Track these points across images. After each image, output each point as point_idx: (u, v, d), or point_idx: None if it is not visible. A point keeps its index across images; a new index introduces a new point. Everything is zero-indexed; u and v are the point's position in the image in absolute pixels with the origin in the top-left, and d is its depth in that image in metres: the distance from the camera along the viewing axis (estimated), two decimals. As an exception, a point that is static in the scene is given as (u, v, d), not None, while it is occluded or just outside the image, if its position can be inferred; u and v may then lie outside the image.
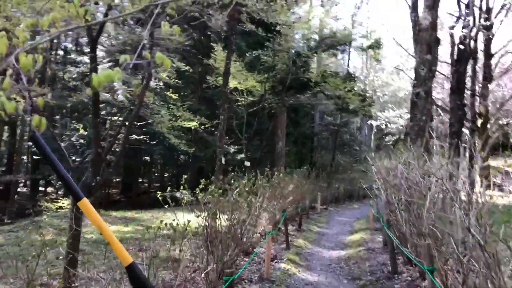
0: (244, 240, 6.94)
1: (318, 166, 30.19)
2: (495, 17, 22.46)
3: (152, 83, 13.82)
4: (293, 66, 14.89)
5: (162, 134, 19.13)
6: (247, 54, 13.95)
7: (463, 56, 18.34)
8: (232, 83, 13.16)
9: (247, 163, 12.36)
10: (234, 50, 9.53)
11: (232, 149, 21.28)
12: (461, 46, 17.54)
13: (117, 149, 20.94)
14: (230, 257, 6.20)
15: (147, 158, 31.70)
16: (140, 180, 35.93)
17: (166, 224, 4.80)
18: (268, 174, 9.65)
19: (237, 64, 12.92)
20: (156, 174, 38.52)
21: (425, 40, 11.98)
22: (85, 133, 13.72)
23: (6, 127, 21.82)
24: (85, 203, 2.63)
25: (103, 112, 17.71)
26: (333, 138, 34.94)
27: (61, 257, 5.24)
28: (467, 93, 21.31)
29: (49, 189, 28.12)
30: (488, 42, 23.60)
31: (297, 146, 29.75)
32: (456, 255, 4.37)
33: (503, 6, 21.52)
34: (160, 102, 12.37)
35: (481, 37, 22.99)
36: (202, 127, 14.88)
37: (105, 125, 15.15)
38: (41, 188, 28.10)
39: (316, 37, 20.02)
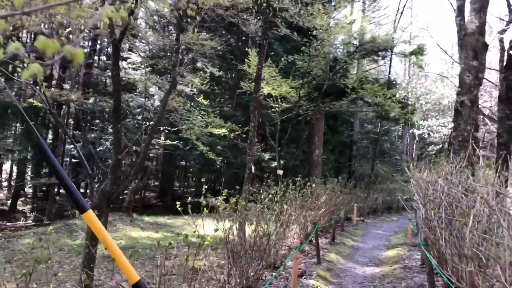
0: (271, 253, 6.64)
1: (357, 176, 29.46)
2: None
3: (187, 89, 13.80)
4: (330, 72, 14.46)
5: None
6: (282, 60, 13.67)
7: (513, 63, 17.26)
8: (266, 89, 12.92)
9: (280, 172, 12.03)
10: (266, 55, 9.28)
11: (266, 156, 21.03)
12: (511, 52, 16.48)
13: (153, 155, 21.19)
14: (255, 271, 5.91)
15: (183, 163, 32.02)
16: (177, 185, 36.42)
17: (194, 232, 4.58)
18: (301, 184, 9.33)
19: (271, 69, 12.67)
20: (193, 179, 38.91)
21: (471, 45, 11.28)
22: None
23: (49, 131, 22.53)
24: (90, 216, 2.42)
25: (139, 117, 17.94)
26: (373, 147, 34.07)
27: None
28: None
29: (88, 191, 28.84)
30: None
31: (334, 155, 29.13)
32: (503, 282, 3.90)
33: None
34: (190, 107, 12.26)
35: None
36: (236, 133, 14.66)
37: (140, 130, 15.30)
38: (82, 190, 28.89)
39: (356, 42, 19.48)
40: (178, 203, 5.28)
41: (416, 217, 11.73)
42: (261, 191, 7.58)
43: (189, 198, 6.04)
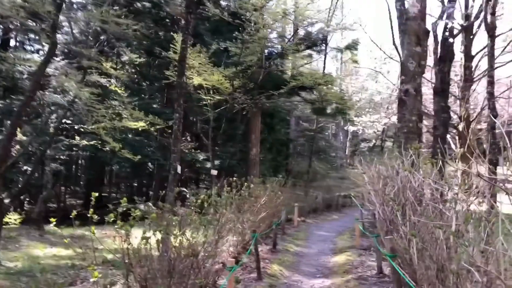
0: (201, 272, 5.28)
1: (294, 174, 28.77)
2: (474, 19, 21.53)
3: (103, 80, 11.97)
4: (266, 61, 13.33)
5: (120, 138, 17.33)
6: (212, 47, 12.33)
7: (447, 55, 17.16)
8: (196, 79, 11.51)
9: (214, 172, 10.69)
10: (191, 34, 7.92)
11: (201, 156, 19.56)
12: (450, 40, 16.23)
13: (65, 157, 18.82)
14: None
15: (115, 167, 29.59)
16: (108, 190, 33.87)
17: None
18: (237, 184, 8.05)
19: (201, 56, 11.27)
20: (124, 184, 36.36)
21: (414, 30, 10.64)
22: (24, 138, 11.80)
23: None
24: None
25: (53, 116, 15.71)
26: (309, 145, 33.69)
27: None
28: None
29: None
30: (468, 43, 22.75)
31: (272, 153, 28.20)
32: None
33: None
34: (99, 97, 10.50)
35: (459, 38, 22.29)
36: (166, 132, 13.06)
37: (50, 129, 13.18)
38: None
39: (291, 29, 18.64)
40: (91, 214, 4.06)
41: (363, 216, 10.89)
42: (189, 195, 6.23)
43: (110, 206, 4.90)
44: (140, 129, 11.72)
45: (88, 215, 4.75)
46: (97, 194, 4.13)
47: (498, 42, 26.14)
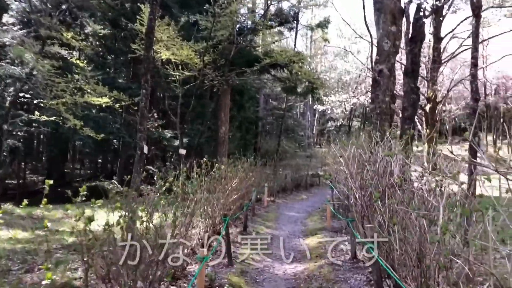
0: (168, 260, 4.98)
1: (263, 153, 28.63)
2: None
3: (64, 52, 11.20)
4: (238, 36, 12.83)
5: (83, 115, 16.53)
6: (182, 20, 11.71)
7: (419, 35, 17.12)
8: (164, 54, 10.93)
9: (182, 151, 10.28)
10: (159, 5, 7.37)
11: (168, 134, 19.00)
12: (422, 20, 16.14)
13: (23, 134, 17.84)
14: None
15: (77, 143, 28.55)
16: (71, 167, 32.87)
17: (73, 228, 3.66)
18: (207, 165, 7.73)
19: (170, 29, 10.67)
20: (88, 161, 35.28)
21: (390, 8, 10.41)
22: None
23: None
24: None
25: (10, 89, 14.74)
26: (278, 123, 33.58)
27: None
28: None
29: None
30: (438, 24, 22.89)
31: (241, 131, 27.90)
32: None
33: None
34: (59, 70, 9.78)
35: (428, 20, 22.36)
36: (131, 108, 12.46)
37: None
38: None
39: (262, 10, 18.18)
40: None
41: (334, 197, 10.80)
42: (156, 176, 5.84)
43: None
44: (104, 105, 11.09)
45: (50, 193, 4.33)
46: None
47: (464, 25, 26.55)
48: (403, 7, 11.58)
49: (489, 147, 35.88)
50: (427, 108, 23.47)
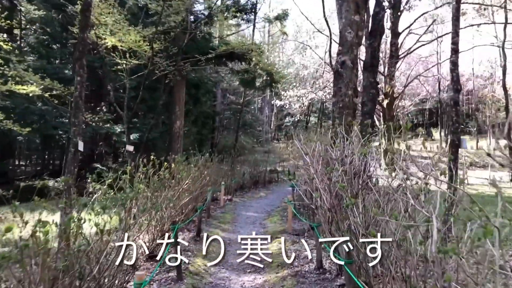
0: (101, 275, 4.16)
1: (220, 148, 27.82)
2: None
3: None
4: (192, 23, 11.92)
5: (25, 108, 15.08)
6: (129, 2, 10.65)
7: (378, 29, 16.83)
8: (110, 40, 9.87)
9: (129, 148, 9.32)
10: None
11: (118, 129, 17.78)
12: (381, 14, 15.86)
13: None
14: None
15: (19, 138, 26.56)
16: (18, 164, 30.73)
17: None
18: (156, 163, 6.86)
19: (115, 12, 9.60)
20: (35, 158, 33.09)
21: (353, -3, 9.88)
22: None
23: None
24: None
25: None
26: (236, 118, 32.87)
27: None
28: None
29: None
30: (396, 20, 22.87)
31: (197, 126, 26.96)
32: None
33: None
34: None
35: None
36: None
37: None
38: None
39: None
40: None
41: (294, 195, 10.18)
42: (90, 180, 4.97)
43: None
44: (50, 95, 9.90)
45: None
46: None
47: (419, 22, 26.86)
48: (366, -3, 11.12)
49: (440, 142, 36.78)
50: (385, 103, 23.50)
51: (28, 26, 19.92)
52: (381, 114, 24.53)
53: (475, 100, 40.14)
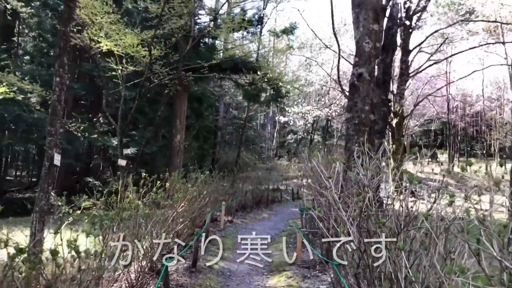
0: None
1: (222, 164, 26.88)
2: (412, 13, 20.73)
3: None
4: (195, 26, 11.12)
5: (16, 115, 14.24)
6: (126, 3, 9.86)
7: (391, 44, 16.03)
8: (105, 44, 9.03)
9: (122, 162, 8.41)
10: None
11: (114, 141, 16.89)
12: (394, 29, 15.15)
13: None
14: None
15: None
16: (14, 174, 30.11)
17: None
18: (148, 181, 5.97)
19: (110, 11, 8.75)
20: (32, 169, 32.27)
21: (372, 4, 9.05)
22: None
23: None
24: None
25: None
26: (238, 134, 32.07)
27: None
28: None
29: None
30: (406, 37, 22.14)
31: (198, 141, 26.10)
32: None
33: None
34: None
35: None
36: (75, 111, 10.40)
37: None
38: None
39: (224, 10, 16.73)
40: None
41: (305, 221, 9.21)
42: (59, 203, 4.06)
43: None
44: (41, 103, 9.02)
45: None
46: None
47: (429, 41, 26.16)
48: (385, 6, 10.33)
49: (449, 164, 35.76)
50: (394, 122, 22.64)
51: (27, 32, 19.30)
52: (389, 133, 23.62)
53: (484, 122, 39.27)
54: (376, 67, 17.54)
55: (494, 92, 39.64)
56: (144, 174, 5.97)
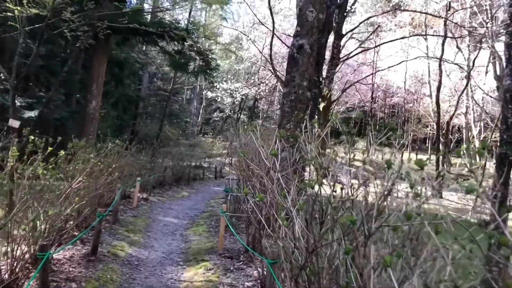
0: None
1: (142, 137, 25.18)
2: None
3: None
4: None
5: None
6: None
7: (327, 25, 15.47)
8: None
9: (14, 123, 6.87)
10: None
11: (18, 102, 14.70)
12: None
13: None
14: None
15: None
16: None
17: None
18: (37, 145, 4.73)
19: None
20: None
21: (319, -31, 8.24)
22: None
23: None
24: None
25: None
26: (162, 106, 30.33)
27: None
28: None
29: None
30: (341, 20, 21.90)
31: (117, 110, 24.12)
32: None
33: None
34: None
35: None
36: None
37: None
38: None
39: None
40: None
41: (228, 202, 8.34)
42: None
43: None
44: None
45: None
46: None
47: (360, 28, 26.36)
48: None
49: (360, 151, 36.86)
50: (321, 106, 22.49)
51: None
52: (317, 117, 23.48)
53: (402, 114, 41.10)
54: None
55: (413, 85, 41.46)
56: (32, 138, 4.70)
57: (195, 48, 16.52)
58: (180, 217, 9.53)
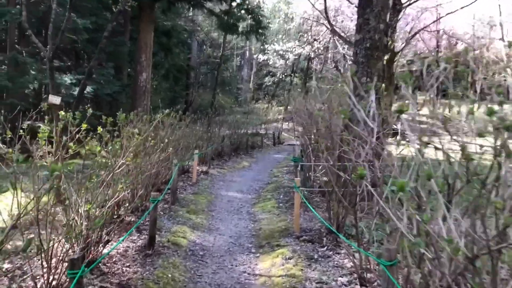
0: None
1: (196, 108, 24.57)
2: None
3: None
4: None
5: None
6: None
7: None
8: None
9: (54, 99, 6.14)
10: None
11: (68, 79, 14.34)
12: None
13: None
14: None
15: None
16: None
17: None
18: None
19: None
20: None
21: None
22: None
23: None
24: None
25: None
26: (213, 75, 29.52)
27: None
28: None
29: None
30: (402, -40, 19.60)
31: (168, 81, 23.58)
32: None
33: None
34: None
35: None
36: None
37: None
38: None
39: None
40: None
41: (301, 175, 7.29)
42: None
43: None
44: None
45: None
46: None
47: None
48: None
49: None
50: (384, 58, 20.64)
51: None
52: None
53: (470, 59, 37.55)
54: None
55: (480, 30, 37.68)
56: (70, 111, 3.85)
57: (244, 7, 15.28)
58: (244, 191, 8.64)
